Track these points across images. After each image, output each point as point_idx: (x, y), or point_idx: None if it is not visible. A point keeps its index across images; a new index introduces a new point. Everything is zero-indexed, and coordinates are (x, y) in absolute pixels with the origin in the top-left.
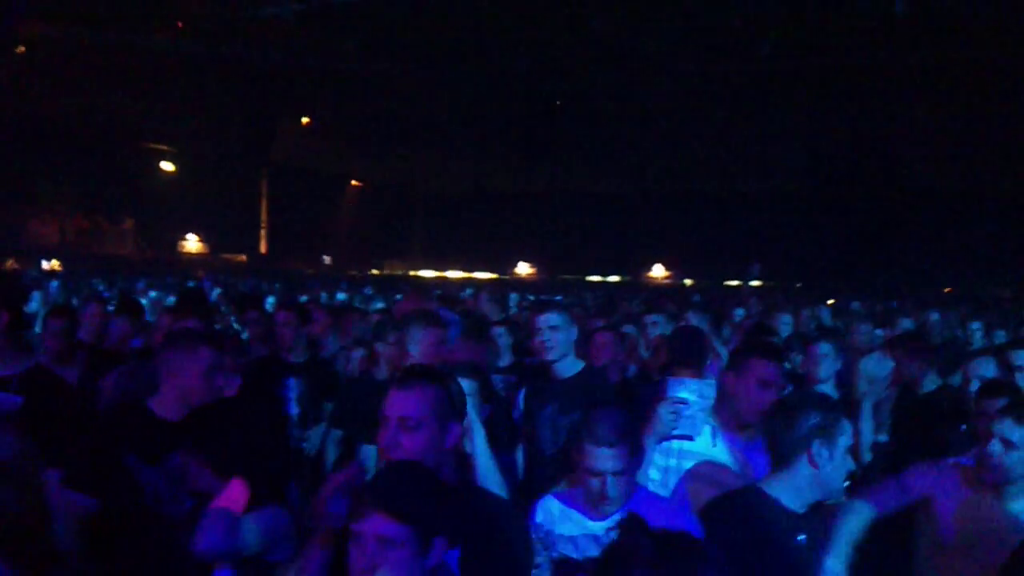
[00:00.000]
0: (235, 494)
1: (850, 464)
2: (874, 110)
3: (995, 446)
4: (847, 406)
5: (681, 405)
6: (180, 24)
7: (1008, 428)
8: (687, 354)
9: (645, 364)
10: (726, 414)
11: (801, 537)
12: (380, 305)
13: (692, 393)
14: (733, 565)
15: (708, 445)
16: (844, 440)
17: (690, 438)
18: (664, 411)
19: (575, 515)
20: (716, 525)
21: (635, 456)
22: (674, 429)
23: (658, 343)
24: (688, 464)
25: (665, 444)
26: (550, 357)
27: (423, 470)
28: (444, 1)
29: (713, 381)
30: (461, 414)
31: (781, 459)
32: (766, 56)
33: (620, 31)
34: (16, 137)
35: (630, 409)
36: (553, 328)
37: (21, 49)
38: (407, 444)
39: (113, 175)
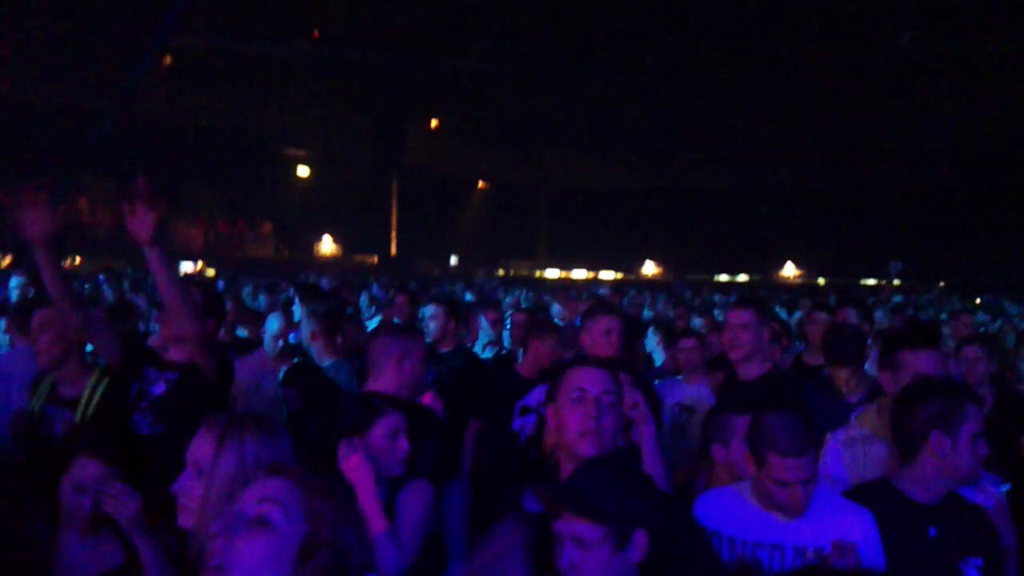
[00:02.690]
0: None
1: (982, 449)
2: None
3: None
4: None
5: None
6: (316, 33)
7: None
8: (846, 353)
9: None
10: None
11: (932, 531)
12: (508, 301)
13: None
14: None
15: None
16: (969, 426)
17: None
18: None
19: (754, 513)
20: None
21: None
22: None
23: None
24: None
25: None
26: (735, 356)
27: (619, 464)
28: (570, 1)
29: None
30: None
31: (905, 452)
32: (906, 45)
33: (748, 27)
34: (162, 145)
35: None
36: (743, 326)
37: (168, 60)
38: (607, 423)
39: (253, 180)
